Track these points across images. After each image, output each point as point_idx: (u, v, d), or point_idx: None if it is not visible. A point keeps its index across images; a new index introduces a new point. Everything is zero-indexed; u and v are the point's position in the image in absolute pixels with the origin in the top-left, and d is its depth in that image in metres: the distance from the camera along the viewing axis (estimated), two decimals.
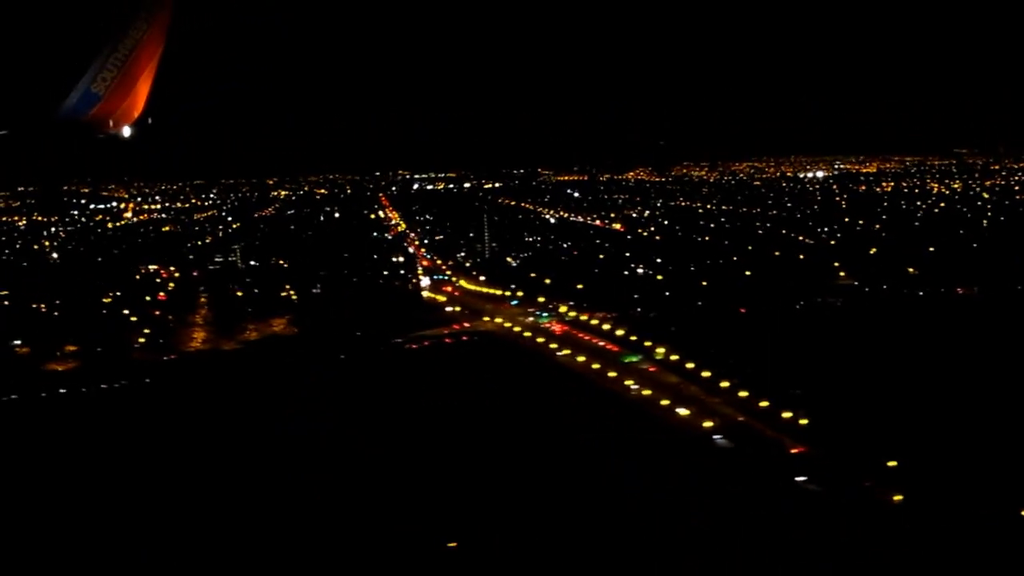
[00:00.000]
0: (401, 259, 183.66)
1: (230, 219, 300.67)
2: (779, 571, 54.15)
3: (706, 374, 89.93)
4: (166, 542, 62.20)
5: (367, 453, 77.51)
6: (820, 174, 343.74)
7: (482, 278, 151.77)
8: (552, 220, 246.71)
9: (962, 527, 56.89)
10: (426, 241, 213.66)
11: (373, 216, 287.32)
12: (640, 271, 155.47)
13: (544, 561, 56.35)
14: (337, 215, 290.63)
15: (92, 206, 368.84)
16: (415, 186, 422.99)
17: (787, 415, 77.94)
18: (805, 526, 58.85)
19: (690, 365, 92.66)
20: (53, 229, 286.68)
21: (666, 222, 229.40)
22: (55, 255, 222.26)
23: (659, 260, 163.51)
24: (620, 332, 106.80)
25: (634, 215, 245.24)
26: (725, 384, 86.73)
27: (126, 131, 25.47)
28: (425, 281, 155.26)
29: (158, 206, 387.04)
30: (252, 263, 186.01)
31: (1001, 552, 53.94)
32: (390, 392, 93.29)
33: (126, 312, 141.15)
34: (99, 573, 59.50)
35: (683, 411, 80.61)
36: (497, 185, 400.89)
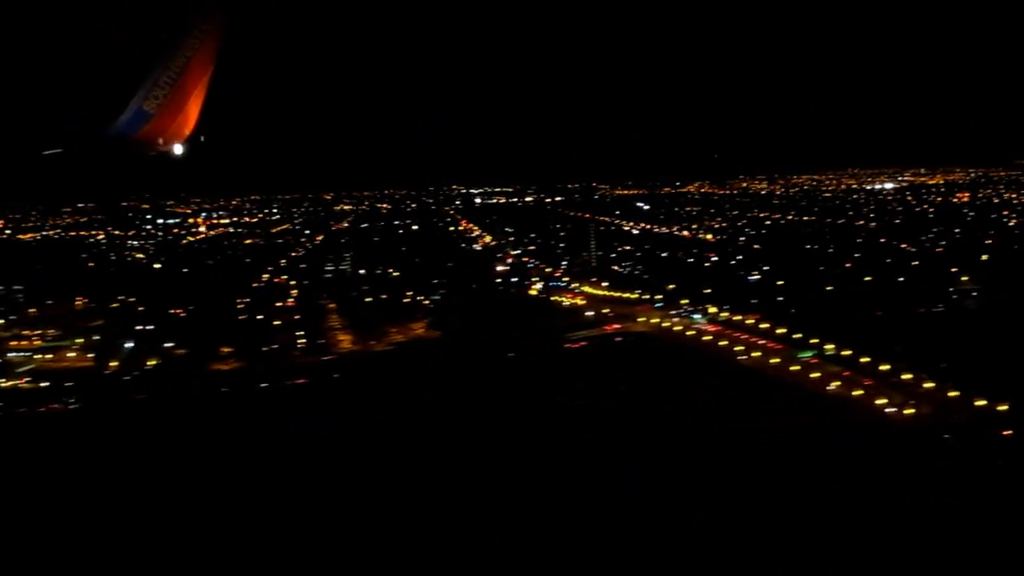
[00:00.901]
0: (507, 267, 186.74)
1: (308, 232, 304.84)
2: None
3: (884, 367, 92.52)
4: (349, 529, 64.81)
5: (560, 449, 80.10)
6: (889, 185, 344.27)
7: (604, 283, 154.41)
8: (635, 231, 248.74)
9: None
10: (520, 251, 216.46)
11: (452, 228, 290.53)
12: (755, 276, 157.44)
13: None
14: (415, 227, 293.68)
15: (160, 221, 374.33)
16: (477, 200, 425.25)
17: (982, 403, 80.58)
18: None
19: (865, 359, 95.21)
20: (137, 242, 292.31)
21: (752, 231, 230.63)
22: (157, 265, 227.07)
23: (766, 267, 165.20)
24: (781, 330, 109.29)
25: (716, 226, 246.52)
26: (907, 376, 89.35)
27: (177, 149, 25.91)
28: (541, 286, 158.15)
29: (226, 220, 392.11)
30: (361, 271, 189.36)
31: None
32: (572, 390, 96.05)
33: (263, 316, 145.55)
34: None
35: (882, 403, 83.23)
36: (559, 199, 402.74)
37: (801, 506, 63.36)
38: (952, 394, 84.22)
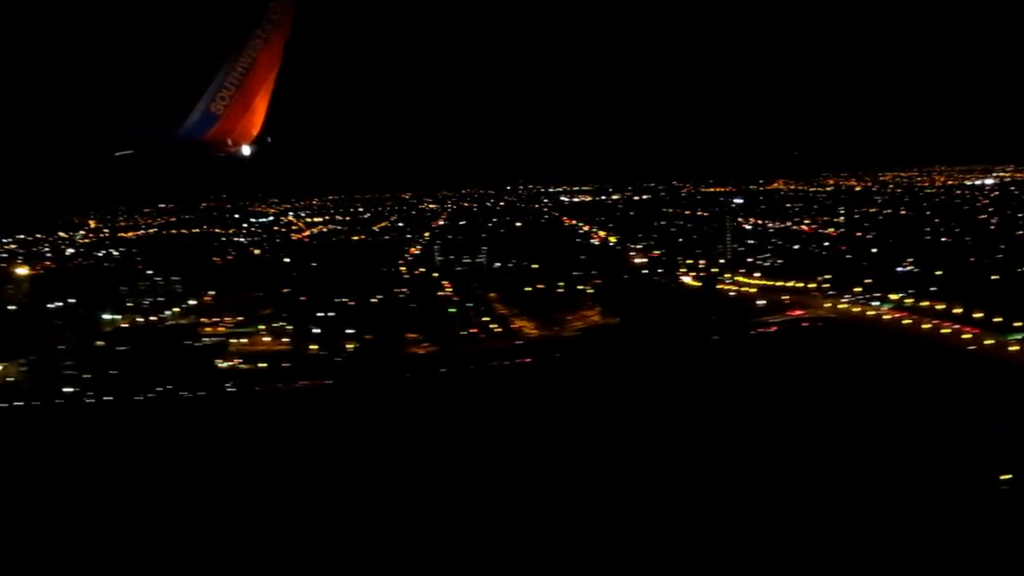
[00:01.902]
0: (643, 259, 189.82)
1: (411, 229, 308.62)
2: None
3: None
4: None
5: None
6: (989, 181, 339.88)
7: (756, 274, 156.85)
8: (747, 226, 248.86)
9: None
10: (643, 245, 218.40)
11: (556, 225, 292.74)
12: (906, 267, 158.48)
13: None
14: (519, 224, 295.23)
15: (253, 220, 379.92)
16: (564, 199, 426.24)
17: None
18: None
19: None
20: (245, 239, 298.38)
21: (869, 226, 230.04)
22: (287, 260, 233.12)
23: (911, 258, 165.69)
24: (977, 315, 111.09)
25: (834, 220, 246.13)
26: None
27: (245, 150, 25.62)
28: (697, 276, 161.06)
29: (319, 219, 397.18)
30: (496, 264, 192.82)
31: None
32: (788, 369, 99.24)
33: (430, 305, 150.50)
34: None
35: None
36: (645, 197, 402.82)
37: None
38: None
